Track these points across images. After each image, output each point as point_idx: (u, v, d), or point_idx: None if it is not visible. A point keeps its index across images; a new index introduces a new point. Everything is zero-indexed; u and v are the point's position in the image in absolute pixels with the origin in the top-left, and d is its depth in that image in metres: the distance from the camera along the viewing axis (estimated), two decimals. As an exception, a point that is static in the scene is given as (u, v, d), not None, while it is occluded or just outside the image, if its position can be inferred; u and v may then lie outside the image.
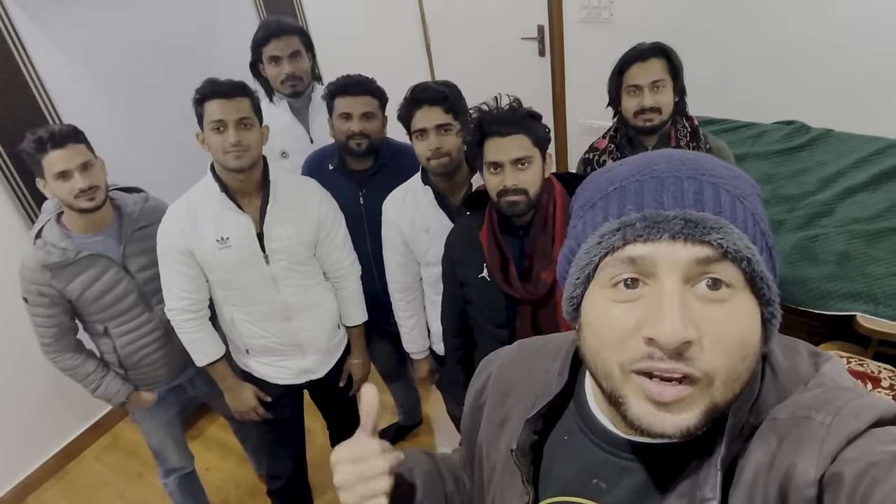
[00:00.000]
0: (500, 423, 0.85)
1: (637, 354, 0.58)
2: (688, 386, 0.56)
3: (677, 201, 0.59)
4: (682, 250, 0.57)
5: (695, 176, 0.60)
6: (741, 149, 2.86)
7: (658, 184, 0.61)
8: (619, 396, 0.60)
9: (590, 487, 0.70)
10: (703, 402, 0.57)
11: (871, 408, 0.57)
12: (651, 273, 0.58)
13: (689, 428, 0.57)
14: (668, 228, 0.57)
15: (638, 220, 0.59)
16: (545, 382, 0.80)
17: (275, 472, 2.27)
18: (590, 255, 0.62)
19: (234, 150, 1.75)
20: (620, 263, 0.60)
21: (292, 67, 2.35)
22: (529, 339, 0.93)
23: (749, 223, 0.60)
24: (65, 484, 2.96)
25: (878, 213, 2.31)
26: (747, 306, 0.59)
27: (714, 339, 0.56)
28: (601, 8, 3.21)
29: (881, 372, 1.99)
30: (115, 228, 1.97)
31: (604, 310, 0.61)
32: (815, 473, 0.55)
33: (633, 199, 0.61)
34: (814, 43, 2.80)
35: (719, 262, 0.57)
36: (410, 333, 2.21)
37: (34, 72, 2.54)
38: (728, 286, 0.57)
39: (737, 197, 0.60)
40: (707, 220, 0.57)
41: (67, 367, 2.02)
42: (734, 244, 0.57)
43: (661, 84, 1.88)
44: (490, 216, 1.67)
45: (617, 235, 0.60)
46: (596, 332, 0.62)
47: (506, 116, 1.55)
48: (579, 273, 0.64)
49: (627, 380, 0.59)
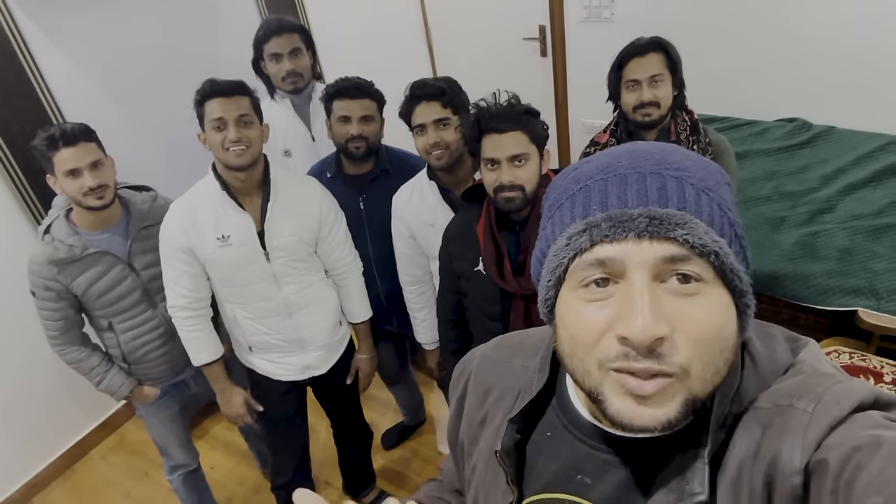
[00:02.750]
0: (481, 421, 0.84)
1: (612, 353, 0.58)
2: (665, 378, 0.56)
3: (641, 199, 0.59)
4: (649, 249, 0.57)
5: (658, 171, 0.60)
6: (743, 146, 2.85)
7: (621, 181, 0.60)
8: (598, 394, 0.60)
9: (574, 483, 0.70)
10: (682, 395, 0.57)
11: (851, 393, 0.57)
12: (620, 272, 0.58)
13: (670, 420, 0.57)
14: (632, 227, 0.57)
15: (603, 220, 0.59)
16: (524, 379, 0.79)
17: (278, 469, 2.29)
18: (559, 257, 0.62)
19: (235, 147, 1.76)
20: (589, 266, 0.59)
21: (293, 64, 2.37)
22: (507, 335, 0.92)
23: (715, 215, 0.59)
24: (71, 483, 2.97)
25: (880, 209, 2.30)
26: (720, 298, 0.59)
27: (687, 332, 0.56)
28: (602, 7, 3.21)
29: (883, 367, 1.99)
30: (123, 226, 1.99)
31: (576, 311, 0.61)
32: (800, 461, 0.55)
33: (598, 199, 0.61)
34: (816, 40, 2.80)
35: (687, 259, 0.57)
36: (422, 325, 2.24)
37: (39, 73, 2.57)
38: (698, 280, 0.57)
39: (701, 189, 0.60)
40: (671, 216, 0.57)
41: (73, 359, 2.04)
42: (700, 238, 0.57)
43: (659, 78, 1.89)
44: (487, 210, 1.69)
45: (583, 237, 0.60)
46: (570, 333, 0.62)
47: (503, 113, 1.56)
48: (550, 275, 0.64)
49: (606, 377, 0.59)
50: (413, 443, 2.91)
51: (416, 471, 2.77)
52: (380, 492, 2.61)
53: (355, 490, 2.58)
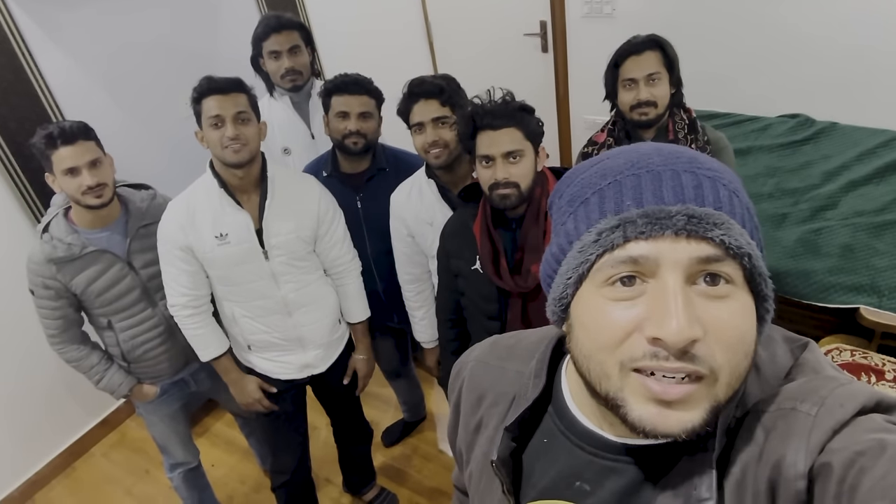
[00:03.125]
0: (475, 428, 0.83)
1: (638, 353, 0.56)
2: (692, 384, 0.55)
3: (678, 196, 0.57)
4: (685, 248, 0.55)
5: (691, 170, 0.59)
6: (745, 142, 2.84)
7: (656, 178, 0.58)
8: (617, 399, 0.58)
9: (572, 490, 0.69)
10: (708, 401, 0.56)
11: (854, 396, 0.56)
12: (652, 271, 0.56)
13: (695, 426, 0.56)
14: (670, 225, 0.55)
15: (639, 217, 0.56)
16: (519, 385, 0.78)
17: (279, 467, 2.28)
18: (585, 253, 0.59)
19: (233, 143, 1.76)
20: (619, 263, 0.57)
21: (291, 62, 2.37)
22: (501, 336, 0.91)
23: (746, 218, 0.59)
24: (72, 481, 2.98)
25: (883, 205, 2.30)
26: (746, 303, 0.58)
27: (717, 336, 0.55)
28: (603, 3, 3.20)
29: (885, 364, 1.98)
30: (122, 224, 1.99)
31: (599, 309, 0.59)
32: (803, 465, 0.54)
33: (632, 194, 0.58)
34: (816, 37, 2.78)
35: (721, 260, 0.56)
36: (420, 323, 2.24)
37: (37, 71, 2.56)
38: (727, 282, 0.56)
39: (733, 191, 0.59)
40: (710, 215, 0.56)
41: (72, 358, 2.04)
42: (736, 240, 0.55)
43: (656, 77, 1.87)
44: (483, 209, 1.68)
45: (617, 233, 0.57)
46: (590, 332, 0.60)
47: (497, 110, 1.55)
48: (571, 272, 0.61)
49: (627, 380, 0.57)
50: (413, 440, 2.91)
51: (416, 468, 2.77)
52: (380, 489, 2.61)
53: (356, 487, 2.58)
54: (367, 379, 2.27)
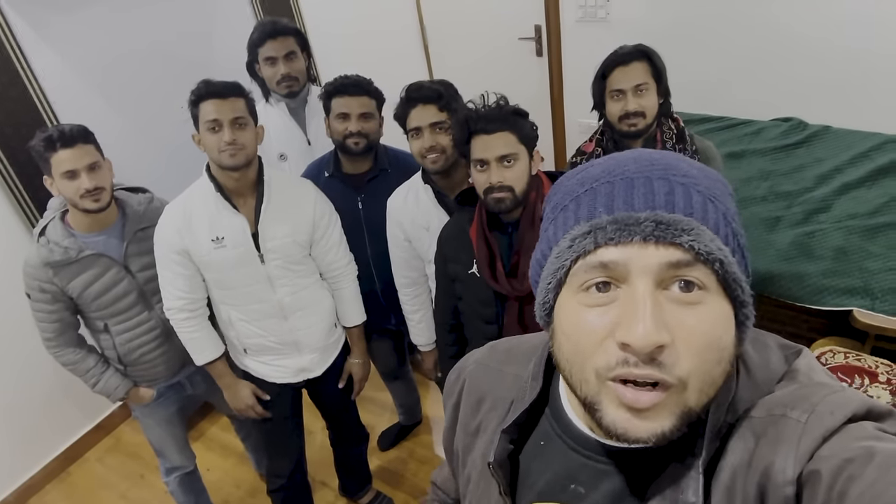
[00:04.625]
0: (475, 431, 0.84)
1: (612, 361, 0.57)
2: (662, 391, 0.56)
3: (648, 202, 0.58)
4: (654, 254, 0.56)
5: (665, 176, 0.60)
6: (738, 146, 2.85)
7: (628, 185, 0.60)
8: (594, 403, 0.59)
9: (567, 492, 0.69)
10: (678, 407, 0.57)
11: (845, 404, 0.57)
12: (623, 277, 0.57)
13: (664, 433, 0.57)
14: (638, 231, 0.57)
15: (608, 223, 0.58)
16: (517, 388, 0.78)
17: (275, 470, 2.28)
18: (561, 259, 0.61)
19: (230, 148, 1.76)
20: (591, 268, 0.59)
21: (287, 68, 2.37)
22: (500, 341, 0.92)
23: (721, 224, 0.59)
24: (67, 486, 2.97)
25: (876, 208, 2.30)
26: (720, 308, 0.58)
27: (687, 342, 0.56)
28: (597, 7, 3.21)
29: (878, 367, 1.99)
30: (119, 228, 1.98)
31: (576, 315, 0.60)
32: (792, 472, 0.55)
33: (604, 201, 0.60)
34: (810, 40, 2.80)
35: (691, 265, 0.56)
36: (417, 327, 2.24)
37: (33, 76, 2.56)
38: (700, 288, 0.57)
39: (708, 197, 0.59)
40: (678, 221, 0.56)
41: (68, 361, 2.04)
42: (706, 246, 0.56)
43: (644, 87, 1.86)
44: (479, 213, 1.69)
45: (588, 239, 0.59)
46: (569, 338, 0.61)
47: (491, 114, 1.56)
48: (551, 278, 0.63)
49: (603, 386, 0.58)
50: (409, 443, 2.91)
51: (412, 471, 2.77)
52: (376, 493, 2.61)
53: (352, 491, 2.58)
54: (362, 383, 2.27)
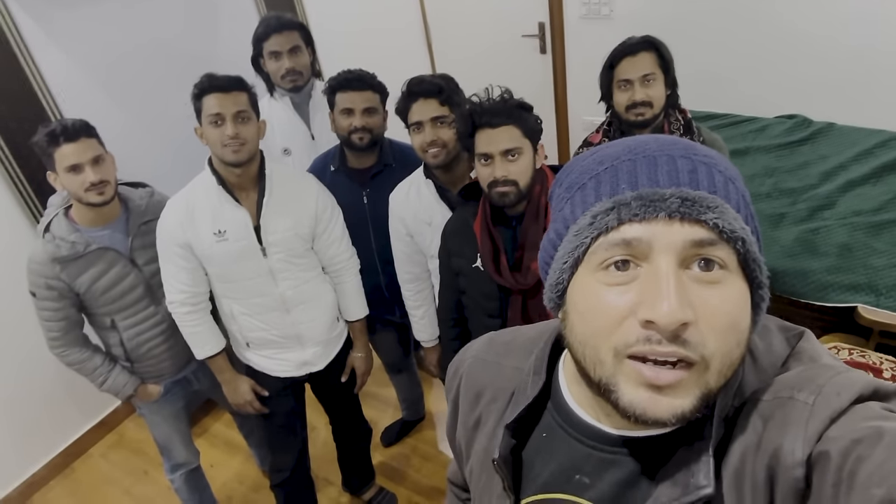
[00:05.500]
0: (474, 424, 0.83)
1: (632, 338, 0.56)
2: (684, 370, 0.55)
3: (672, 179, 0.58)
4: (679, 231, 0.56)
5: (687, 155, 0.59)
6: (743, 143, 2.85)
7: (651, 162, 0.59)
8: (610, 384, 0.58)
9: (572, 483, 0.69)
10: (699, 387, 0.56)
11: (851, 384, 0.57)
12: (645, 254, 0.57)
13: (685, 413, 0.56)
14: (664, 207, 0.56)
15: (633, 199, 0.57)
16: (517, 381, 0.78)
17: (277, 465, 2.28)
18: (580, 236, 0.60)
19: (232, 143, 1.76)
20: (613, 245, 0.57)
21: (292, 62, 2.37)
22: (498, 333, 0.91)
23: (741, 204, 0.59)
24: (70, 482, 2.98)
25: (880, 205, 2.30)
26: (740, 289, 0.58)
27: (709, 321, 0.55)
28: (601, 4, 3.21)
29: (882, 363, 1.98)
30: (123, 222, 1.99)
31: (594, 294, 0.59)
32: (801, 454, 0.55)
33: (627, 178, 0.59)
34: (815, 37, 2.79)
35: (714, 244, 0.56)
36: (420, 322, 2.24)
37: (37, 71, 2.56)
38: (721, 268, 0.56)
39: (729, 178, 0.59)
40: (704, 198, 0.56)
41: (74, 360, 2.02)
42: (729, 224, 0.56)
43: (651, 77, 1.87)
44: (483, 207, 1.69)
45: (611, 215, 0.58)
46: (586, 317, 0.60)
47: (496, 108, 1.56)
48: (567, 257, 0.61)
49: (621, 365, 0.57)
50: (412, 439, 2.91)
51: (415, 467, 2.77)
52: (379, 488, 2.61)
53: (355, 487, 2.58)
54: (365, 376, 2.28)
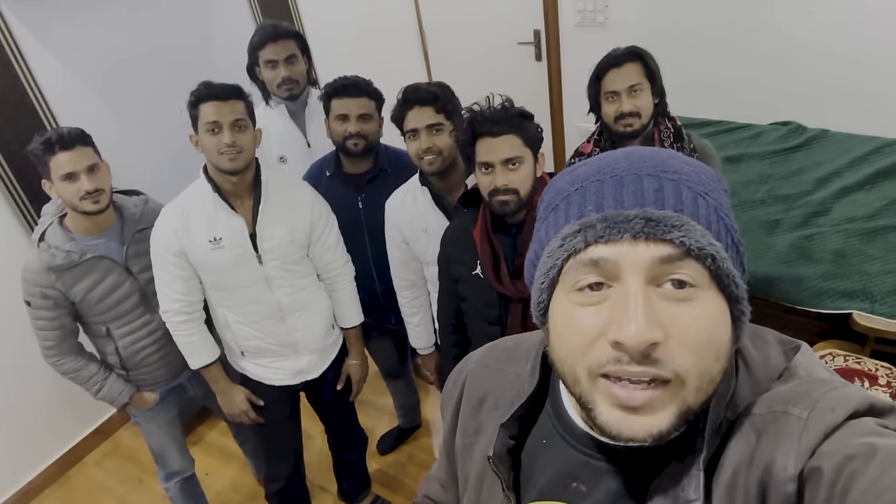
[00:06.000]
0: (475, 432, 0.83)
1: (604, 358, 0.56)
2: (657, 389, 0.55)
3: (637, 200, 0.58)
4: (644, 250, 0.56)
5: (654, 173, 0.59)
6: (737, 150, 2.86)
7: (618, 183, 0.60)
8: (588, 402, 0.59)
9: (569, 491, 0.69)
10: (675, 405, 0.56)
11: (846, 400, 0.57)
12: (615, 275, 0.57)
13: (661, 432, 0.56)
14: (628, 228, 0.56)
15: (598, 221, 0.58)
16: (518, 387, 0.78)
17: (273, 474, 2.28)
18: (552, 258, 0.61)
19: (229, 151, 1.76)
20: (583, 266, 0.58)
21: (288, 71, 2.38)
22: (500, 341, 0.91)
23: (712, 219, 0.59)
24: (65, 490, 2.96)
25: (875, 211, 2.31)
26: (715, 304, 0.58)
27: (682, 339, 0.55)
28: (596, 12, 3.23)
29: (878, 370, 1.99)
30: (118, 230, 1.99)
31: (569, 314, 0.60)
32: (794, 469, 0.54)
33: (594, 200, 0.60)
34: (808, 44, 2.81)
35: (682, 260, 0.56)
36: (416, 329, 2.24)
37: (33, 81, 2.56)
38: (693, 286, 0.56)
39: (699, 193, 0.59)
40: (668, 217, 0.56)
41: (70, 369, 2.02)
42: (696, 241, 0.56)
43: (638, 88, 1.88)
44: (483, 214, 1.68)
45: (578, 238, 0.59)
46: (562, 337, 0.61)
47: (496, 116, 1.56)
48: (543, 277, 0.63)
49: (595, 385, 0.58)
50: (408, 447, 2.90)
51: (411, 475, 2.76)
52: (375, 497, 2.60)
53: (351, 495, 2.57)
54: (360, 384, 2.27)
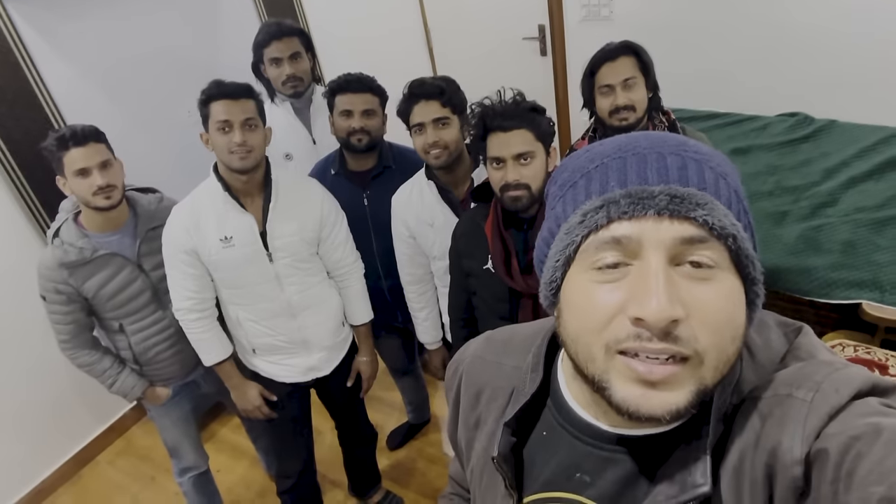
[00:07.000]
0: (475, 424, 0.83)
1: (622, 334, 0.56)
2: (677, 365, 0.55)
3: (661, 177, 0.58)
4: (668, 229, 0.56)
5: (677, 152, 0.59)
6: (745, 141, 2.85)
7: (641, 160, 0.59)
8: (602, 381, 0.58)
9: (573, 481, 0.69)
10: (693, 383, 0.56)
11: (850, 381, 0.57)
12: (635, 252, 0.57)
13: (679, 409, 0.56)
14: (653, 205, 0.56)
15: (622, 197, 0.57)
16: (516, 379, 0.78)
17: (284, 471, 2.29)
18: (571, 234, 0.60)
19: (240, 150, 1.78)
20: (603, 244, 0.58)
21: (293, 69, 2.39)
22: (495, 332, 0.90)
23: (733, 200, 0.59)
24: (78, 489, 2.98)
25: (884, 201, 2.29)
26: (733, 285, 0.58)
27: (702, 317, 0.55)
28: (601, 6, 3.21)
29: (888, 359, 1.98)
30: (131, 227, 2.00)
31: (586, 291, 0.59)
32: (800, 451, 0.54)
33: (616, 176, 0.59)
34: (815, 34, 2.79)
35: (704, 243, 0.56)
36: (423, 325, 2.24)
37: (42, 83, 2.58)
38: (712, 266, 0.56)
39: (720, 174, 0.59)
40: (693, 195, 0.56)
41: (84, 363, 2.05)
42: (719, 221, 0.55)
43: (632, 82, 1.88)
44: (495, 209, 1.68)
45: (600, 213, 0.58)
46: (577, 314, 0.60)
47: (508, 111, 1.55)
48: (559, 255, 0.61)
49: (612, 361, 0.57)
50: (418, 443, 2.91)
51: (421, 470, 2.77)
52: (385, 492, 2.61)
53: (361, 490, 2.59)
54: (371, 381, 2.28)
